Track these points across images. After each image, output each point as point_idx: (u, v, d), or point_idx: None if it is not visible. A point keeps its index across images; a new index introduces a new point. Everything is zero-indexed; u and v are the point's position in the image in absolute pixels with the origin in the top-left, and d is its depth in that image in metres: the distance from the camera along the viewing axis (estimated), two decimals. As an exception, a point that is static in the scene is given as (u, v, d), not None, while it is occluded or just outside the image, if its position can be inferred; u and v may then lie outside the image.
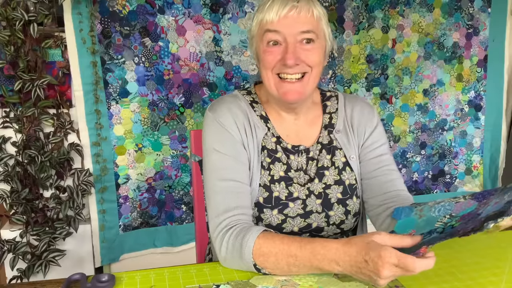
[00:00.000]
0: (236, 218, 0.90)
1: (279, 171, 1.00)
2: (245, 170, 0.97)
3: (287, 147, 1.02)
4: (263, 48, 0.95)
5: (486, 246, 0.93)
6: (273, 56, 0.93)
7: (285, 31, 0.92)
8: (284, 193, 0.99)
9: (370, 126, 1.05)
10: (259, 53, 0.98)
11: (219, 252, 0.88)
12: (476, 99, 2.43)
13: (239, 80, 2.02)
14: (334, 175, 1.02)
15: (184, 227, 2.05)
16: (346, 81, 2.18)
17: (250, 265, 0.83)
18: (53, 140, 1.77)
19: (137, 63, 1.86)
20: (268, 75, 0.96)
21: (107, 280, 0.79)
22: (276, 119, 1.04)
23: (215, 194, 0.93)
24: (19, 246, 1.69)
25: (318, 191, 1.00)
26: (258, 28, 0.97)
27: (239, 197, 0.93)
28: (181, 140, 1.99)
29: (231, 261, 0.86)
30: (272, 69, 0.95)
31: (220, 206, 0.91)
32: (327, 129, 1.05)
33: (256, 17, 0.97)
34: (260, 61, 0.98)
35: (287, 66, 0.92)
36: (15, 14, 1.59)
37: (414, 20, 2.23)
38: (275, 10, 0.91)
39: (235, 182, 0.94)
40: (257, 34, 0.98)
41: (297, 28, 0.92)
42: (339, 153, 1.04)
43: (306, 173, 1.02)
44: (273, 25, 0.92)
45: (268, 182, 0.99)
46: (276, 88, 0.96)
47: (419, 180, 2.41)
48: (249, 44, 1.04)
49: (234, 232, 0.87)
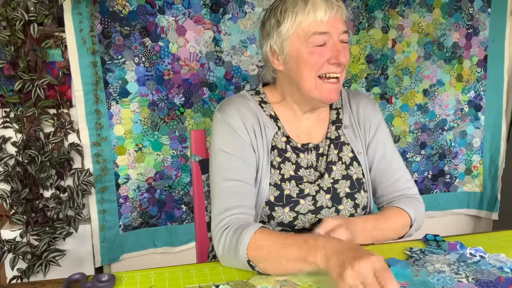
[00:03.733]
0: (236, 217, 0.91)
1: (289, 170, 1.01)
2: (251, 171, 0.98)
3: (297, 146, 1.03)
4: (308, 50, 0.94)
5: (486, 246, 0.93)
6: (321, 57, 0.94)
7: (333, 31, 0.94)
8: (295, 191, 1.00)
9: (374, 123, 1.09)
10: (300, 55, 0.95)
11: (217, 249, 0.89)
12: (476, 99, 2.43)
13: (239, 80, 2.02)
14: (341, 170, 1.04)
15: (184, 227, 2.05)
16: (346, 81, 2.18)
17: (244, 262, 0.83)
18: (53, 140, 1.77)
19: (137, 63, 1.86)
20: (311, 77, 0.96)
21: (107, 280, 0.79)
22: (287, 119, 1.05)
23: (219, 193, 0.95)
24: (19, 246, 1.69)
25: (327, 186, 1.02)
26: (296, 29, 0.95)
27: (243, 197, 0.94)
28: (181, 140, 1.99)
29: (228, 258, 0.87)
30: (318, 70, 0.95)
31: (222, 205, 0.93)
32: (334, 125, 1.08)
33: (289, 17, 0.95)
34: (301, 63, 0.96)
35: (338, 65, 0.94)
36: (15, 14, 1.59)
37: (414, 20, 2.23)
38: (323, 10, 0.92)
39: (240, 182, 0.95)
40: (294, 35, 0.95)
41: (341, 28, 0.95)
42: (346, 148, 1.06)
43: (316, 169, 1.03)
44: (322, 27, 0.93)
45: (279, 181, 1.00)
46: (318, 90, 0.96)
47: (419, 180, 2.41)
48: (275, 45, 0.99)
49: (232, 229, 0.88)
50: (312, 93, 0.97)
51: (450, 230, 2.46)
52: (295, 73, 0.98)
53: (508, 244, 0.96)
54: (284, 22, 0.96)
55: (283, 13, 0.96)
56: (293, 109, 1.05)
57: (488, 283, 0.75)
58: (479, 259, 0.87)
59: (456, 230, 2.50)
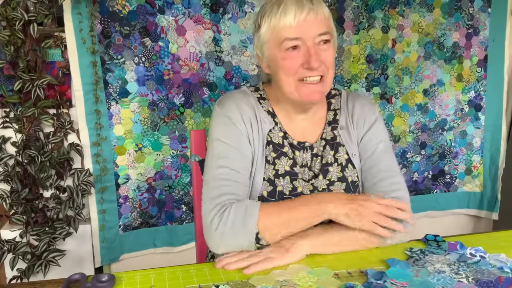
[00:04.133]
0: (231, 202, 0.91)
1: (285, 166, 1.01)
2: (246, 162, 0.99)
3: (293, 143, 1.03)
4: (281, 55, 0.94)
5: (486, 246, 0.93)
6: (295, 62, 0.93)
7: (305, 35, 0.91)
8: (288, 188, 1.00)
9: (368, 121, 1.07)
10: (276, 60, 0.96)
11: (215, 230, 0.88)
12: (476, 99, 2.43)
13: (239, 80, 2.02)
14: (337, 172, 1.04)
15: (184, 227, 2.05)
16: (346, 81, 2.18)
17: (252, 234, 0.86)
18: (53, 140, 1.77)
19: (137, 63, 1.86)
20: (289, 81, 0.95)
21: (107, 280, 0.79)
22: (284, 117, 1.06)
23: (213, 180, 0.95)
24: (19, 246, 1.69)
25: (322, 187, 1.02)
26: (271, 33, 0.95)
27: (237, 186, 0.95)
28: (181, 140, 1.99)
29: (229, 237, 0.88)
30: (295, 74, 0.94)
31: (216, 190, 0.93)
32: (330, 125, 1.07)
33: (266, 22, 0.95)
34: (278, 67, 0.97)
35: (311, 69, 0.93)
36: (15, 14, 1.59)
37: (414, 20, 2.23)
38: (292, 15, 0.90)
39: (234, 171, 0.96)
40: (270, 40, 0.96)
41: (316, 31, 0.92)
42: (342, 150, 1.05)
43: (311, 169, 1.03)
44: (291, 32, 0.91)
45: (272, 176, 1.00)
46: (297, 92, 0.96)
47: (419, 180, 2.41)
48: (257, 49, 1.02)
49: (233, 207, 0.89)
50: (292, 95, 0.97)
51: (450, 230, 2.46)
52: (276, 76, 0.99)
53: (508, 244, 0.96)
54: (262, 26, 0.96)
55: (262, 18, 0.96)
56: (287, 109, 1.05)
57: (488, 283, 0.75)
58: (479, 259, 0.87)
59: (456, 230, 2.50)
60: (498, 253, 0.89)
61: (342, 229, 0.91)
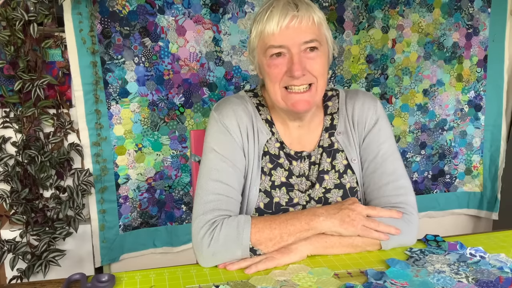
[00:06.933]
0: (222, 218, 0.90)
1: (281, 177, 1.00)
2: (238, 176, 0.97)
3: (290, 153, 1.01)
4: (266, 62, 0.92)
5: (486, 246, 0.93)
6: (279, 69, 0.91)
7: (288, 43, 0.89)
8: (285, 199, 0.99)
9: (370, 122, 1.02)
10: (263, 66, 0.95)
11: (207, 247, 0.86)
12: (476, 99, 2.43)
13: (239, 80, 2.02)
14: (334, 178, 1.01)
15: (184, 227, 2.05)
16: (346, 81, 2.18)
17: (247, 248, 0.86)
18: (53, 140, 1.77)
19: (137, 63, 1.86)
20: (275, 89, 0.94)
21: (107, 280, 0.79)
22: (281, 124, 1.03)
23: (205, 193, 0.93)
24: (19, 246, 1.69)
25: (318, 196, 1.00)
26: (258, 40, 0.94)
27: (228, 201, 0.93)
28: (181, 140, 1.99)
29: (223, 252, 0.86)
30: (280, 82, 0.92)
31: (209, 205, 0.91)
32: (328, 132, 1.04)
33: (255, 28, 0.94)
34: (265, 74, 0.95)
35: (294, 78, 0.90)
36: (15, 14, 1.59)
37: (414, 20, 2.23)
38: (275, 21, 0.88)
39: (227, 186, 0.94)
40: (258, 47, 0.95)
41: (300, 39, 0.89)
42: (340, 155, 1.02)
43: (308, 178, 1.01)
44: (275, 39, 0.89)
45: (268, 188, 0.99)
46: (284, 101, 0.94)
47: (419, 180, 2.41)
48: (249, 54, 1.01)
49: (224, 222, 0.88)
50: (279, 104, 0.95)
51: (450, 230, 2.46)
52: (265, 83, 0.97)
53: (508, 244, 0.96)
54: (252, 32, 0.96)
55: (253, 23, 0.95)
56: (283, 116, 1.02)
57: (488, 283, 0.75)
58: (479, 259, 0.87)
59: (456, 230, 2.50)
60: (498, 253, 0.89)
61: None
